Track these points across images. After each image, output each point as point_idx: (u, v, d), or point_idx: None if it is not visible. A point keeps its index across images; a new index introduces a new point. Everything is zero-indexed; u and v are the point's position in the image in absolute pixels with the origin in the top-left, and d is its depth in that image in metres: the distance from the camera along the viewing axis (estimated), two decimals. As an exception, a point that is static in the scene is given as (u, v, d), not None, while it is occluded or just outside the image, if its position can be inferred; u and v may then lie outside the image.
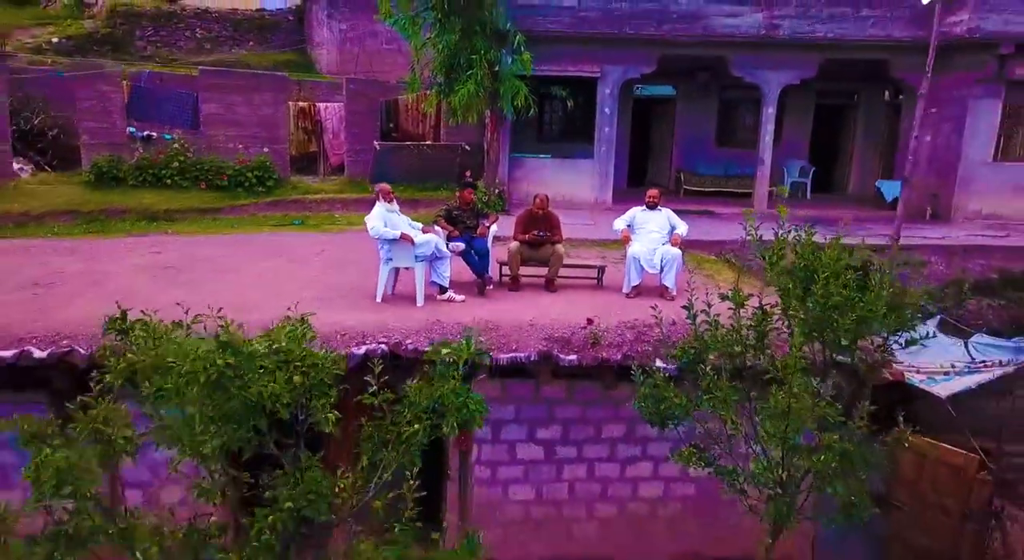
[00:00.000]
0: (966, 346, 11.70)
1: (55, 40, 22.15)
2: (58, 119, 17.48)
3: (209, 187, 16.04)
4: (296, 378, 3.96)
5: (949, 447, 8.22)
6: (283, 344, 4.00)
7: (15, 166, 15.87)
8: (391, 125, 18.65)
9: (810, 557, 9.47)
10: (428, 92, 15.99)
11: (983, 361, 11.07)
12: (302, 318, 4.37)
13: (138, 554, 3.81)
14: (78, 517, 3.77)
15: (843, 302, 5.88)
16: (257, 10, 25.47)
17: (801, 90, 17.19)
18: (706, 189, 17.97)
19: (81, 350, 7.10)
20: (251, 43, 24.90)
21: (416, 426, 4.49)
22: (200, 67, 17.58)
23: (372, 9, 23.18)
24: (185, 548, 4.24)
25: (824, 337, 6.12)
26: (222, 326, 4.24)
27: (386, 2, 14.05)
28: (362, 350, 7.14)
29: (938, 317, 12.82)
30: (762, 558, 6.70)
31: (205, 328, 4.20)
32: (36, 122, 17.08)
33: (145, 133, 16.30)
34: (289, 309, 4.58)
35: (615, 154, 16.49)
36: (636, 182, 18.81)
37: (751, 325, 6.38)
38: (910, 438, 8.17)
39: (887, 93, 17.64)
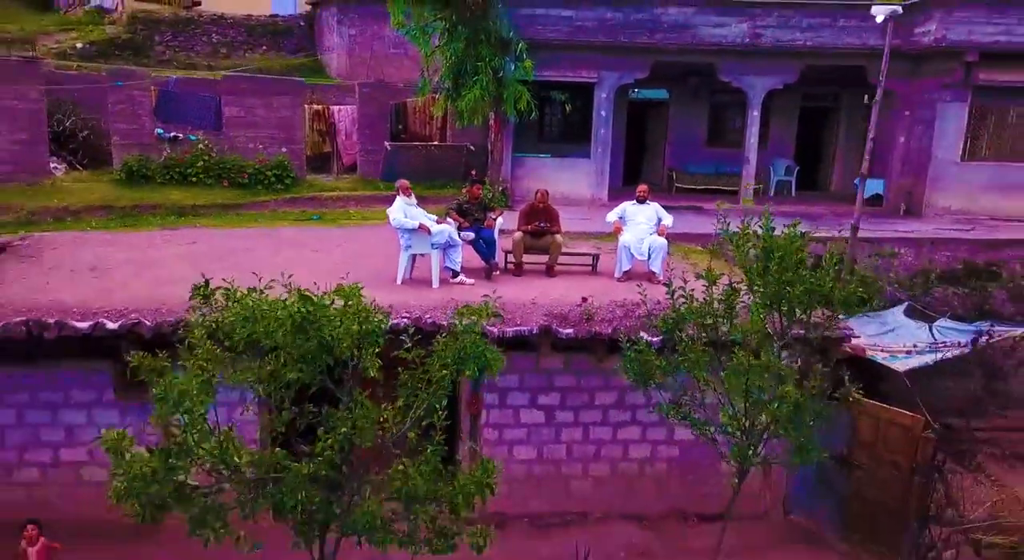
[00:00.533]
0: (930, 330, 12.86)
1: (79, 45, 23.27)
2: (88, 121, 18.61)
3: (231, 185, 17.15)
4: (354, 327, 5.10)
5: (899, 410, 9.33)
6: (344, 301, 5.15)
7: (51, 165, 16.97)
8: (400, 127, 19.73)
9: (782, 514, 10.63)
10: (437, 96, 17.07)
11: (943, 342, 12.23)
12: (354, 284, 5.51)
13: (235, 458, 4.95)
14: (189, 430, 4.88)
15: (794, 277, 7.01)
16: (270, 16, 26.60)
17: (786, 94, 18.32)
18: (697, 187, 19.08)
19: (147, 322, 8.22)
20: (264, 48, 26.05)
21: (444, 371, 5.61)
22: (224, 73, 18.72)
23: (379, 16, 24.44)
24: (261, 463, 5.36)
25: (780, 307, 7.24)
26: (290, 288, 5.40)
27: (399, 13, 15.14)
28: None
29: (906, 303, 14.01)
30: (731, 499, 7.85)
31: (290, 287, 5.34)
32: (68, 124, 18.18)
33: (172, 134, 17.35)
34: (342, 277, 5.73)
35: (611, 154, 17.66)
36: (631, 180, 19.81)
37: (721, 299, 7.52)
38: (867, 403, 9.38)
39: (867, 96, 18.72)
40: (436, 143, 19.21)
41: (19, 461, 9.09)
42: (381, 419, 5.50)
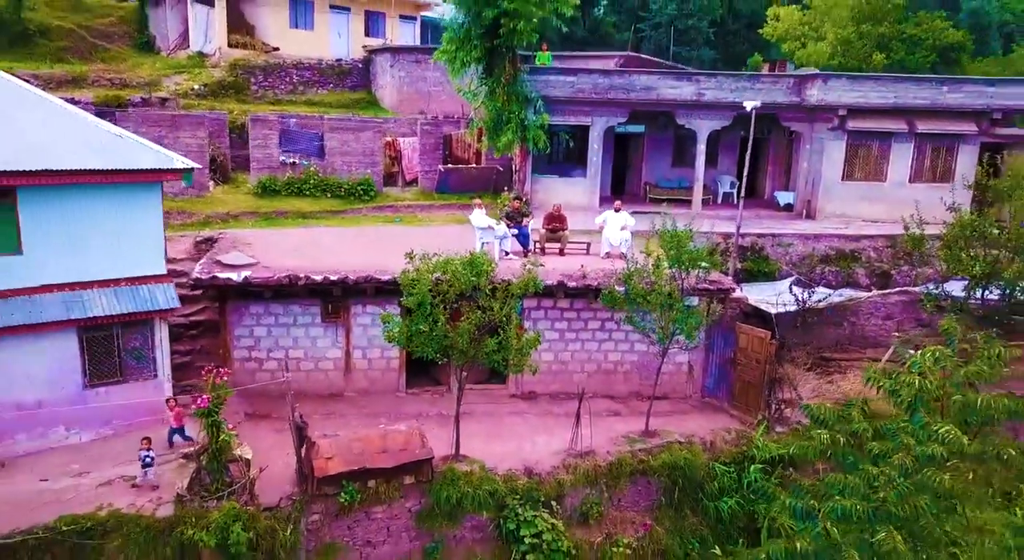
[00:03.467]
0: (805, 292, 19.94)
1: (195, 86, 30.32)
2: (222, 149, 25.70)
3: (332, 196, 24.27)
4: (485, 267, 12.23)
5: (758, 328, 16.49)
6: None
7: (208, 182, 24.06)
8: (446, 152, 26.86)
9: (700, 396, 17.72)
10: (479, 134, 24.12)
11: (801, 300, 19.32)
12: (483, 252, 12.64)
13: (440, 320, 12.06)
14: (423, 307, 12.00)
15: (687, 251, 14.13)
16: (336, 60, 33.71)
17: (731, 129, 25.40)
18: (664, 197, 26.17)
19: (351, 276, 15.33)
20: (331, 85, 33.19)
21: (518, 290, 12.77)
22: (327, 116, 25.78)
23: (423, 61, 31.62)
24: (443, 327, 12.48)
25: (679, 266, 14.36)
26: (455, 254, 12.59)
27: (456, 78, 22.25)
28: (476, 277, 15.36)
29: (794, 277, 21.15)
30: (658, 368, 15.01)
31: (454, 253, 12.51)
32: (210, 151, 25.24)
33: (291, 160, 24.42)
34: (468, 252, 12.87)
35: (601, 173, 24.79)
36: (617, 190, 27.11)
37: (654, 263, 14.66)
38: (743, 326, 16.49)
39: (786, 132, 25.87)
40: (474, 165, 26.32)
41: (267, 357, 16.18)
42: (495, 309, 12.64)
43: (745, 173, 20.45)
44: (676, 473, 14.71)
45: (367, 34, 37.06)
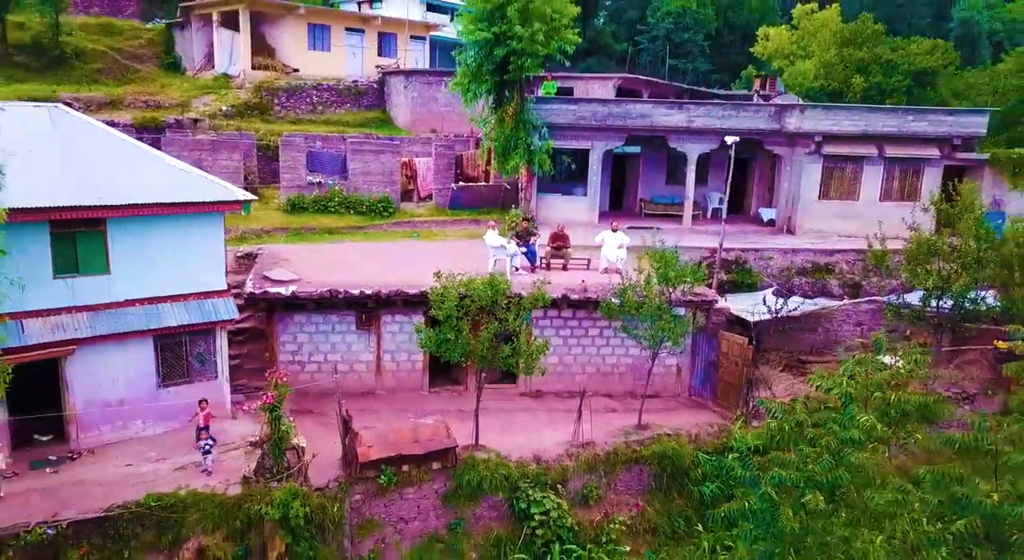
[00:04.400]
0: (783, 301, 22.28)
1: (223, 108, 32.65)
2: (252, 168, 28.00)
3: (355, 213, 26.58)
4: (503, 285, 14.55)
5: (737, 335, 18.80)
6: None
7: (241, 200, 26.36)
8: (458, 171, 29.19)
9: (687, 395, 20.05)
10: (489, 157, 26.46)
11: (777, 308, 21.66)
12: (501, 273, 14.96)
13: (465, 329, 14.36)
14: (450, 319, 14.31)
15: (673, 269, 16.44)
16: (352, 81, 36.07)
17: (720, 151, 27.71)
18: (658, 212, 28.53)
19: (383, 291, 17.65)
20: (348, 105, 35.54)
21: (529, 304, 15.10)
22: (348, 139, 28.13)
23: (434, 83, 33.94)
24: (467, 336, 14.80)
25: (666, 282, 16.66)
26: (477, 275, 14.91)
27: (469, 109, 24.58)
28: (491, 291, 17.68)
29: (774, 287, 23.49)
30: (649, 369, 17.35)
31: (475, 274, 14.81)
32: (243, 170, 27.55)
33: (317, 179, 26.74)
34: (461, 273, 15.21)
35: (600, 190, 27.11)
36: (616, 206, 29.46)
37: (645, 279, 16.98)
38: (724, 333, 18.83)
39: (769, 154, 28.20)
40: (484, 183, 28.66)
41: (308, 360, 18.50)
42: (507, 322, 14.96)
43: (727, 194, 22.76)
44: (665, 461, 16.92)
45: (380, 54, 39.44)
